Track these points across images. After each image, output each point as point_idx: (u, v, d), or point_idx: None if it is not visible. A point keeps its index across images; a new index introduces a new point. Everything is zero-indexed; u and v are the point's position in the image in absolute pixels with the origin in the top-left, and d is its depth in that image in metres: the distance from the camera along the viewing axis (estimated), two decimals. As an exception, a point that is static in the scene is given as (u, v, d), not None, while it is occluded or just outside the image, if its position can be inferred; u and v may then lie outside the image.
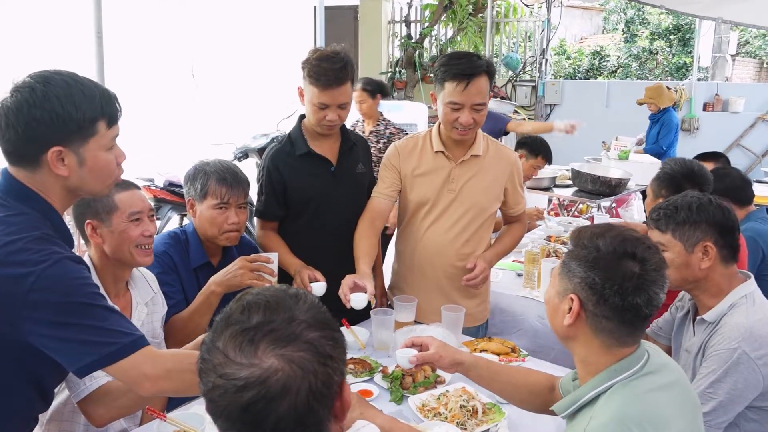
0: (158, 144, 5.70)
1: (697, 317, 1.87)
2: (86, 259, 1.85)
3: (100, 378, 1.65)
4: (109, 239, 1.81)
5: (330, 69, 2.20)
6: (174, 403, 1.94)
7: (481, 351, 2.19)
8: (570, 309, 1.30)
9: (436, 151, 2.37)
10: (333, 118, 2.27)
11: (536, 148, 4.16)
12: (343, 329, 2.30)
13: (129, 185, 1.87)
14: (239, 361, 0.85)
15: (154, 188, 4.84)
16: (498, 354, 2.17)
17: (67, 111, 1.32)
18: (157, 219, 4.96)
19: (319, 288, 2.18)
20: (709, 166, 3.34)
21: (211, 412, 0.89)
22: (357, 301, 2.09)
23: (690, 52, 11.92)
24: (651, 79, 12.45)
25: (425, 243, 2.42)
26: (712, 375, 1.70)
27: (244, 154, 5.52)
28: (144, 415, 1.90)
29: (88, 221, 1.80)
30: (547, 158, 4.20)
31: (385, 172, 2.42)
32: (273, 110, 4.27)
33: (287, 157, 2.38)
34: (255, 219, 2.47)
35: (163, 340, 2.03)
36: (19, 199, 1.36)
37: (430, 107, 6.85)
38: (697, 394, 1.41)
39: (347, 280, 2.13)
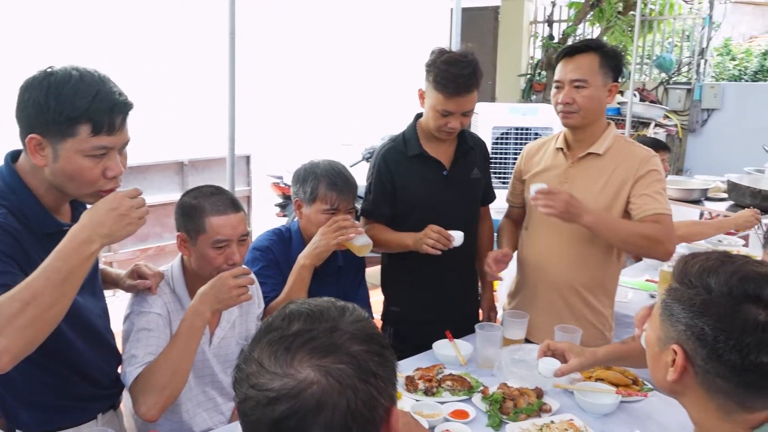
0: (290, 142, 5.88)
1: None
2: (178, 259, 1.87)
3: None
4: (195, 257, 1.80)
5: (459, 75, 2.08)
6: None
7: (596, 379, 1.95)
8: (674, 361, 1.05)
9: (557, 148, 2.21)
10: (455, 125, 2.17)
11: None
12: (445, 342, 2.18)
13: (228, 208, 1.78)
14: (273, 371, 0.79)
15: (282, 185, 4.99)
16: (617, 385, 1.92)
17: (48, 102, 1.31)
18: (284, 215, 5.13)
19: (459, 237, 2.13)
20: None
21: (243, 427, 0.82)
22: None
23: None
24: (835, 82, 10.94)
25: (535, 252, 2.25)
26: None
27: (372, 155, 5.54)
28: (233, 414, 1.89)
29: (179, 232, 1.81)
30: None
31: (513, 177, 2.40)
32: (402, 111, 4.22)
33: (399, 156, 2.31)
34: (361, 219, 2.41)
35: None
36: (2, 177, 1.42)
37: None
38: None
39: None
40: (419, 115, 2.34)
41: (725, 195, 4.58)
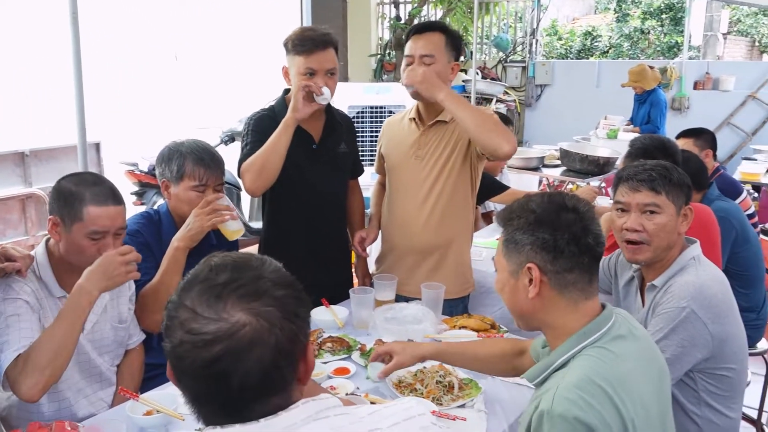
0: (142, 128, 5.63)
1: (647, 284, 1.87)
2: (42, 245, 1.80)
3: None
4: (65, 243, 1.74)
5: (315, 35, 2.24)
6: (149, 385, 1.93)
7: (460, 327, 2.18)
8: (531, 281, 1.29)
9: (410, 119, 2.41)
10: (322, 84, 2.23)
11: None
12: (322, 308, 2.30)
13: (108, 199, 1.74)
14: (207, 316, 0.86)
15: (138, 173, 4.79)
16: (477, 330, 2.16)
17: None
18: (142, 204, 4.94)
19: (327, 93, 2.21)
20: (689, 142, 3.34)
21: (176, 370, 0.89)
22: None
23: (682, 32, 11.83)
24: (643, 59, 12.38)
25: (397, 219, 2.44)
26: (659, 333, 1.70)
27: (231, 138, 5.47)
28: (116, 396, 1.88)
29: (51, 216, 1.74)
30: None
31: (378, 150, 2.57)
32: (259, 94, 4.22)
33: (271, 123, 2.30)
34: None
35: (131, 322, 1.99)
36: None
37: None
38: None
39: None
40: (287, 90, 2.40)
41: (559, 162, 5.08)
